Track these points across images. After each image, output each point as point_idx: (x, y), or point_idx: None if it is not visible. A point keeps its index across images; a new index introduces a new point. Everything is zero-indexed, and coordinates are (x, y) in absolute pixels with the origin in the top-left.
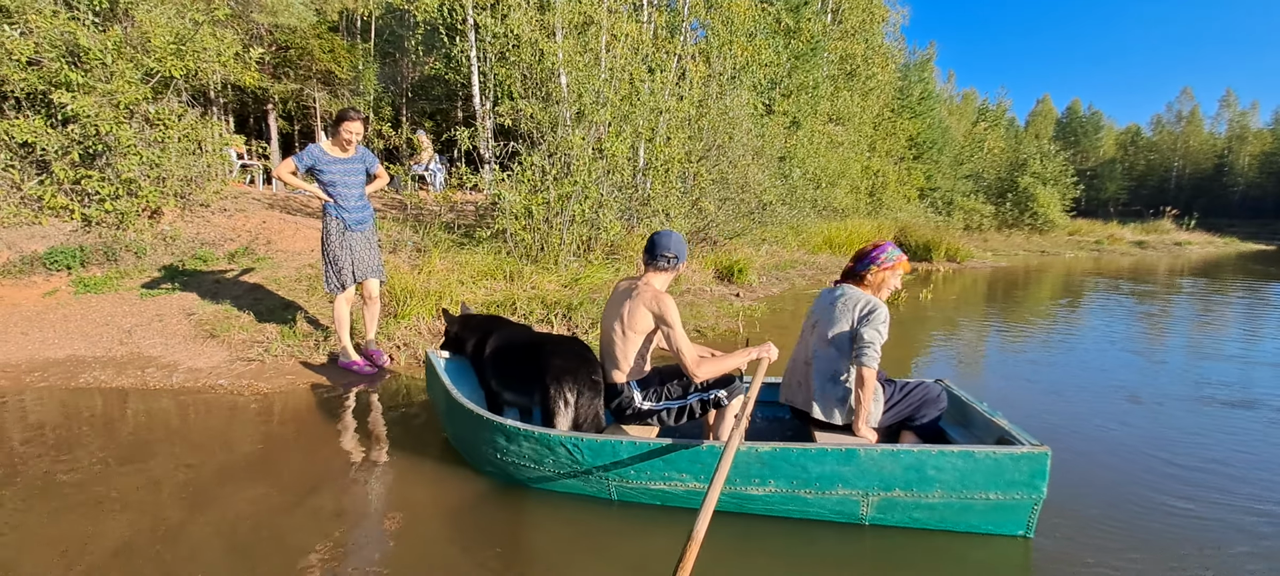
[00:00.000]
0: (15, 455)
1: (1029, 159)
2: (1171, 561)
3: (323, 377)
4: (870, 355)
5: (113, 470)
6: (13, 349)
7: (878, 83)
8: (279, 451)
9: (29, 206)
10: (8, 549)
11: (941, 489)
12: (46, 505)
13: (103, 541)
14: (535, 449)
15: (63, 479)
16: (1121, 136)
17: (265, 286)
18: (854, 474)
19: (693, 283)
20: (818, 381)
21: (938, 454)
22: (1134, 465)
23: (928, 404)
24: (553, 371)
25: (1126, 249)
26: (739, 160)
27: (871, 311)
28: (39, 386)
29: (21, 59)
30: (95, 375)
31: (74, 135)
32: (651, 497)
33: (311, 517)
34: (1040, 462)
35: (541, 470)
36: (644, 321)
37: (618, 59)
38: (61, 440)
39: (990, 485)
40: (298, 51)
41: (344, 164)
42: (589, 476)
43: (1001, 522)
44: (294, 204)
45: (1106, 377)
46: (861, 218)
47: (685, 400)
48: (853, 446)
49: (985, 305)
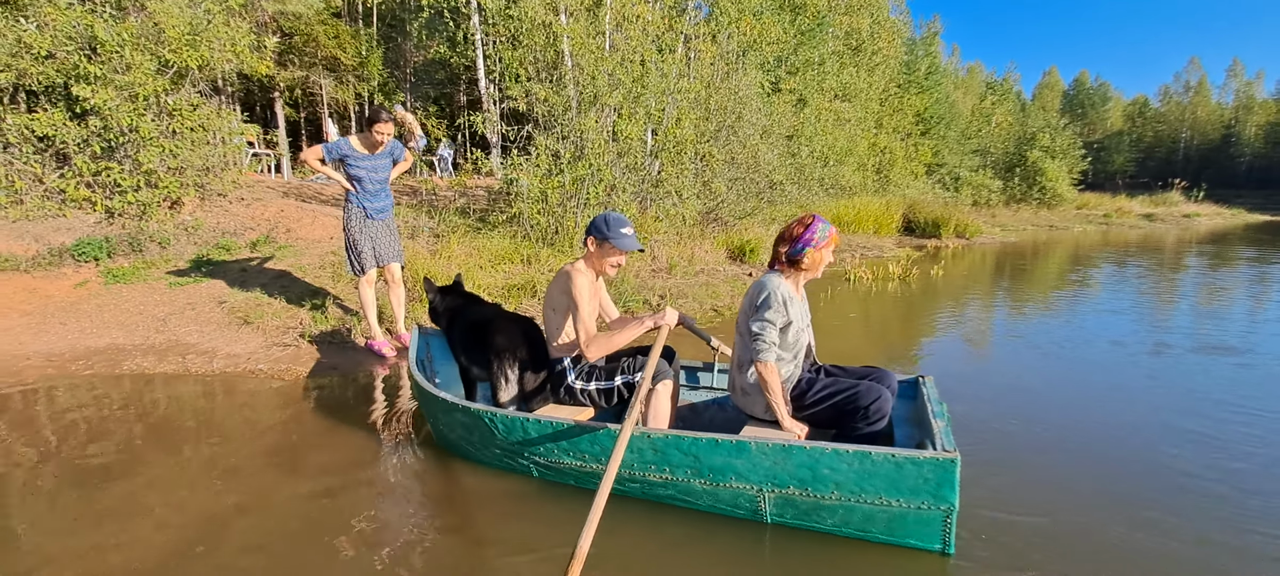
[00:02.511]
0: (77, 439)
1: (1037, 133)
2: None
3: (354, 359)
4: (759, 347)
5: (178, 451)
6: (54, 338)
7: (884, 57)
8: (322, 431)
9: (52, 199)
10: (112, 520)
11: (839, 491)
12: (130, 482)
13: (187, 511)
14: (466, 422)
15: (133, 459)
16: (1129, 108)
17: (291, 273)
18: (746, 467)
19: (706, 263)
20: (738, 374)
21: (831, 452)
22: (1107, 477)
23: (861, 397)
24: (495, 348)
25: (1135, 222)
26: (748, 140)
27: (762, 301)
28: (85, 374)
29: (40, 52)
30: (137, 362)
31: (94, 127)
32: (566, 476)
33: (358, 493)
34: (947, 471)
35: (475, 445)
36: (557, 298)
37: (629, 40)
38: (120, 425)
39: (891, 491)
40: (303, 38)
41: (372, 160)
42: (513, 453)
43: (911, 534)
44: (308, 192)
45: (1105, 375)
46: (869, 195)
47: (613, 383)
48: (744, 438)
49: (995, 282)
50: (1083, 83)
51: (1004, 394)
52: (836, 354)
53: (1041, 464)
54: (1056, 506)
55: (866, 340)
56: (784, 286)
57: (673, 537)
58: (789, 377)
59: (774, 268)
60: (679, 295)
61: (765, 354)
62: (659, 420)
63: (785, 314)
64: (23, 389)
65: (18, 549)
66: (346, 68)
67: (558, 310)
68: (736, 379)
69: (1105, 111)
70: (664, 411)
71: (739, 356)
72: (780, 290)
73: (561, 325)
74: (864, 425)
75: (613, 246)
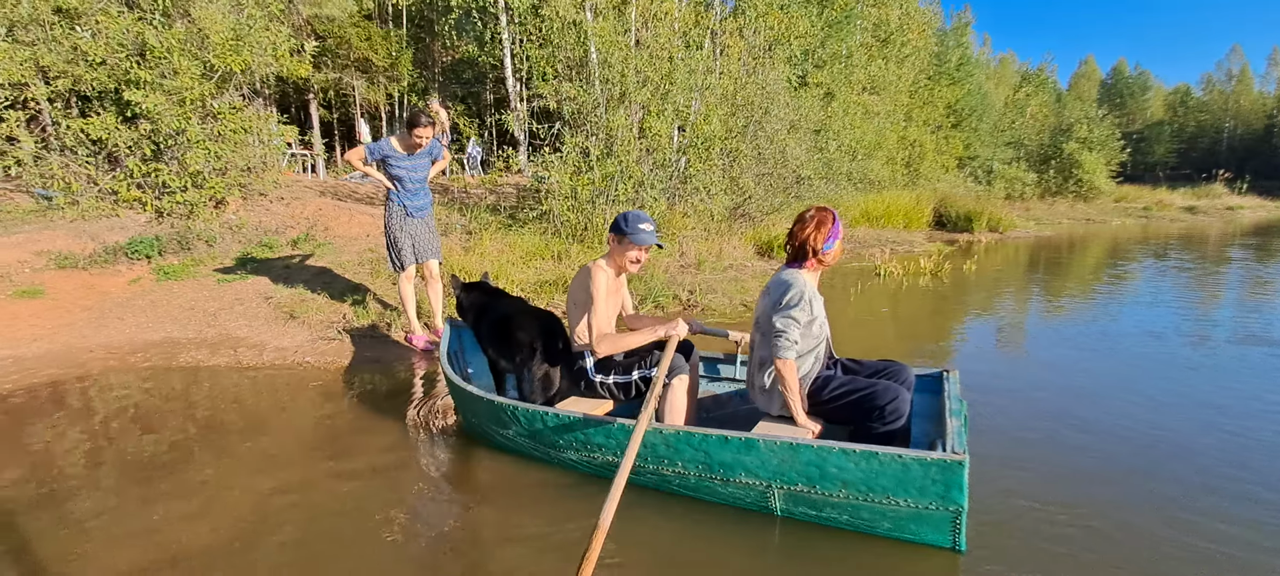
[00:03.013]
0: (139, 427)
1: (1074, 124)
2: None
3: (395, 353)
4: (781, 343)
5: (232, 439)
6: (113, 332)
7: (913, 49)
8: (365, 420)
9: (105, 199)
10: (171, 501)
11: (846, 489)
12: (189, 468)
13: (241, 495)
14: (489, 413)
15: (192, 445)
16: (1170, 97)
17: (331, 270)
18: (755, 463)
19: (735, 258)
20: (758, 373)
21: (838, 451)
22: (1138, 481)
23: (878, 396)
24: (517, 342)
25: (1176, 215)
26: (775, 135)
27: (789, 299)
28: (144, 366)
29: (95, 59)
30: (192, 355)
31: (144, 131)
32: (583, 466)
33: (395, 477)
34: (954, 472)
35: (500, 434)
36: (578, 294)
37: (657, 37)
38: (178, 414)
39: (898, 491)
40: (336, 40)
41: (412, 160)
42: (534, 443)
43: (923, 532)
44: (344, 191)
45: (1140, 370)
46: (898, 189)
47: (629, 377)
48: (753, 436)
49: (1029, 276)
50: (1121, 71)
51: (1034, 389)
52: (867, 349)
53: (1066, 461)
54: (1080, 505)
55: (897, 335)
56: (811, 284)
57: (687, 527)
58: (807, 373)
59: (798, 263)
60: (708, 291)
61: (786, 351)
62: (675, 415)
63: (810, 311)
64: (87, 379)
65: (85, 528)
66: (378, 69)
67: (578, 305)
68: (755, 377)
69: (1145, 101)
70: (680, 406)
71: (759, 355)
72: (808, 288)
73: (581, 319)
74: (880, 425)
75: (631, 242)
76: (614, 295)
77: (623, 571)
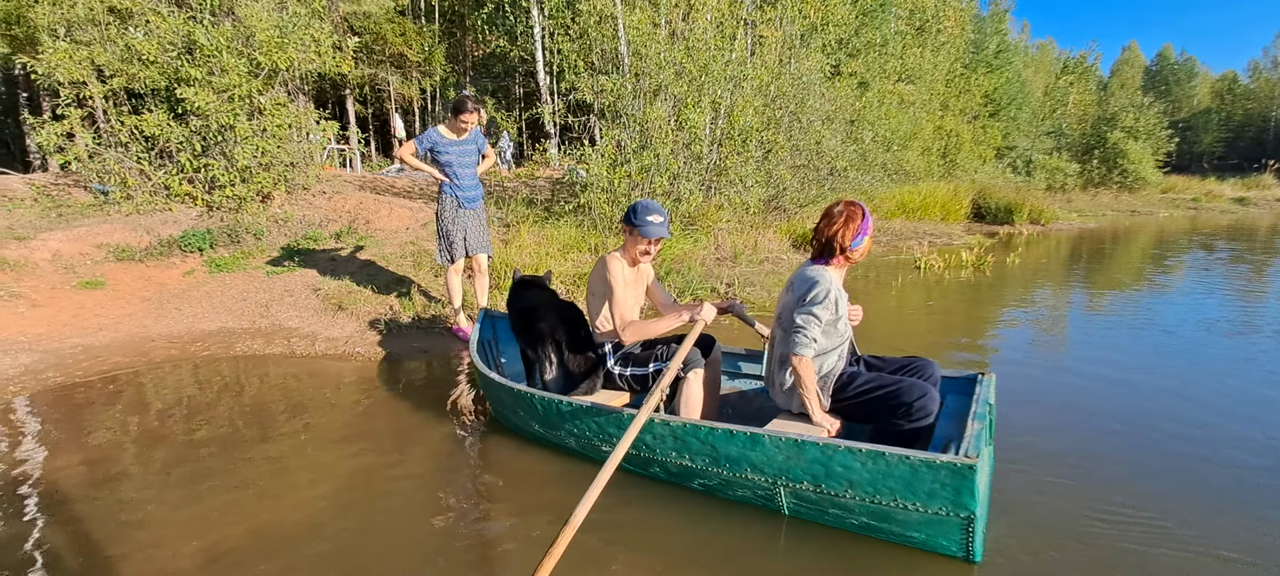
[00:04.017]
0: (213, 411)
1: (1120, 112)
2: None
3: (441, 344)
4: (800, 340)
5: (288, 424)
6: (172, 322)
7: (949, 37)
8: (412, 408)
9: (158, 194)
10: (263, 476)
11: (853, 490)
12: (248, 451)
13: (296, 477)
14: (510, 401)
15: (250, 430)
16: (1218, 84)
17: (376, 262)
18: (761, 459)
19: (770, 251)
20: (778, 371)
21: (845, 450)
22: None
23: (906, 393)
24: (537, 333)
25: (1226, 206)
26: (810, 126)
27: (813, 296)
28: (203, 355)
29: (148, 57)
30: (248, 344)
31: (195, 127)
32: (598, 455)
33: (437, 462)
34: (965, 477)
35: (522, 421)
36: (595, 285)
37: (694, 28)
38: (238, 400)
39: (907, 494)
40: (372, 36)
41: (460, 146)
42: (551, 430)
43: (933, 538)
44: (382, 185)
45: (1191, 370)
46: (934, 180)
47: (646, 369)
48: (759, 431)
49: (1075, 270)
50: (1166, 58)
51: (1075, 391)
52: (909, 345)
53: (1104, 470)
54: (1113, 515)
55: (938, 329)
56: (837, 281)
57: (696, 524)
58: (832, 371)
59: (824, 259)
60: (746, 283)
61: (804, 348)
62: (691, 409)
63: (834, 310)
64: (153, 368)
65: (167, 505)
66: (412, 64)
67: (597, 296)
68: (775, 375)
69: (1191, 88)
70: (695, 400)
71: (780, 352)
72: (834, 286)
73: (599, 311)
74: (907, 421)
75: (640, 234)
76: (634, 285)
77: (632, 568)
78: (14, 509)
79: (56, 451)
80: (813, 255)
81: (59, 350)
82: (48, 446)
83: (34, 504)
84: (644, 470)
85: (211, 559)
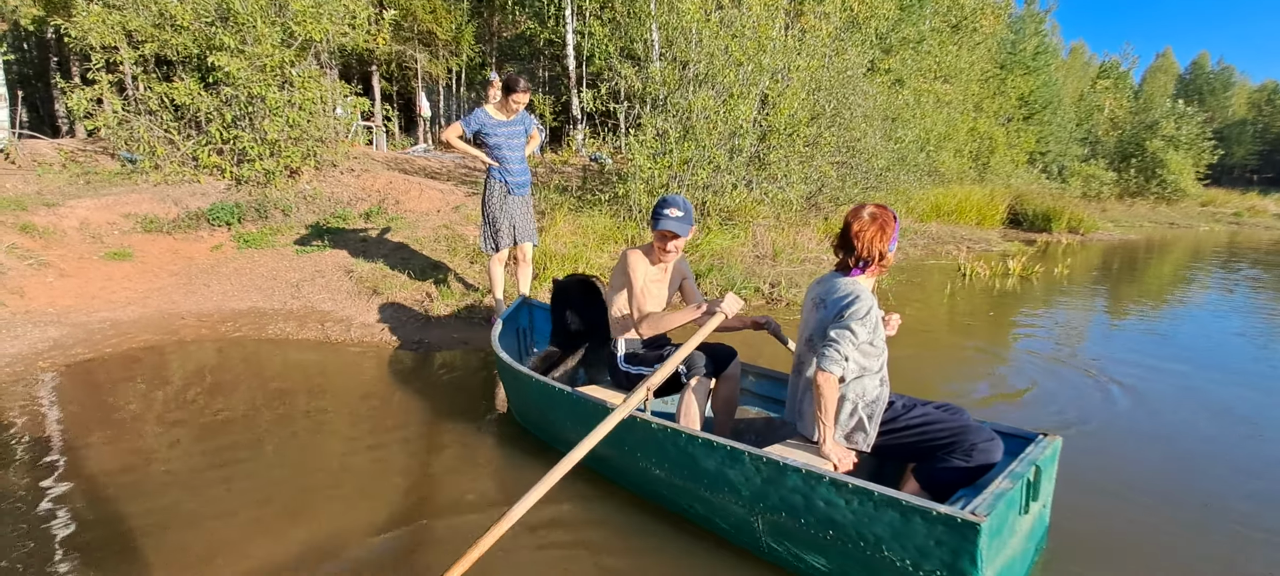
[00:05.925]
0: (247, 396)
1: (1160, 120)
2: None
3: (480, 333)
4: (830, 354)
5: (324, 412)
6: (201, 299)
7: (985, 35)
8: (446, 399)
9: (187, 165)
10: (312, 459)
11: (834, 530)
12: (279, 434)
13: (338, 463)
14: (518, 388)
15: (274, 416)
16: (1255, 95)
17: (409, 245)
18: (739, 480)
19: (810, 250)
20: (802, 395)
21: (828, 481)
22: None
23: (973, 432)
24: (555, 326)
25: (1270, 222)
26: (852, 122)
27: (853, 310)
28: (234, 336)
29: (183, 23)
30: (281, 327)
31: (225, 97)
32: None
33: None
34: (965, 536)
35: (527, 409)
36: (616, 278)
37: (747, 14)
38: (267, 385)
39: (895, 545)
40: (402, 12)
41: (508, 127)
42: (547, 421)
43: None
44: (412, 165)
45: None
46: (966, 183)
47: (654, 369)
48: (740, 447)
49: (1130, 285)
50: (1202, 66)
51: (1171, 442)
52: (972, 358)
53: (1165, 544)
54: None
55: (999, 340)
56: (872, 295)
57: (670, 548)
58: (878, 398)
59: (858, 269)
60: (790, 284)
61: (832, 365)
62: (689, 420)
63: (872, 329)
64: (181, 347)
65: (221, 490)
66: (441, 42)
67: (615, 289)
68: (800, 402)
69: (1227, 98)
70: (694, 410)
71: (806, 376)
72: (874, 304)
73: (615, 302)
74: (962, 459)
75: (654, 228)
76: (656, 282)
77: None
78: (42, 488)
79: (83, 430)
80: (840, 264)
81: (87, 324)
82: (75, 425)
83: (61, 483)
84: (620, 478)
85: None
